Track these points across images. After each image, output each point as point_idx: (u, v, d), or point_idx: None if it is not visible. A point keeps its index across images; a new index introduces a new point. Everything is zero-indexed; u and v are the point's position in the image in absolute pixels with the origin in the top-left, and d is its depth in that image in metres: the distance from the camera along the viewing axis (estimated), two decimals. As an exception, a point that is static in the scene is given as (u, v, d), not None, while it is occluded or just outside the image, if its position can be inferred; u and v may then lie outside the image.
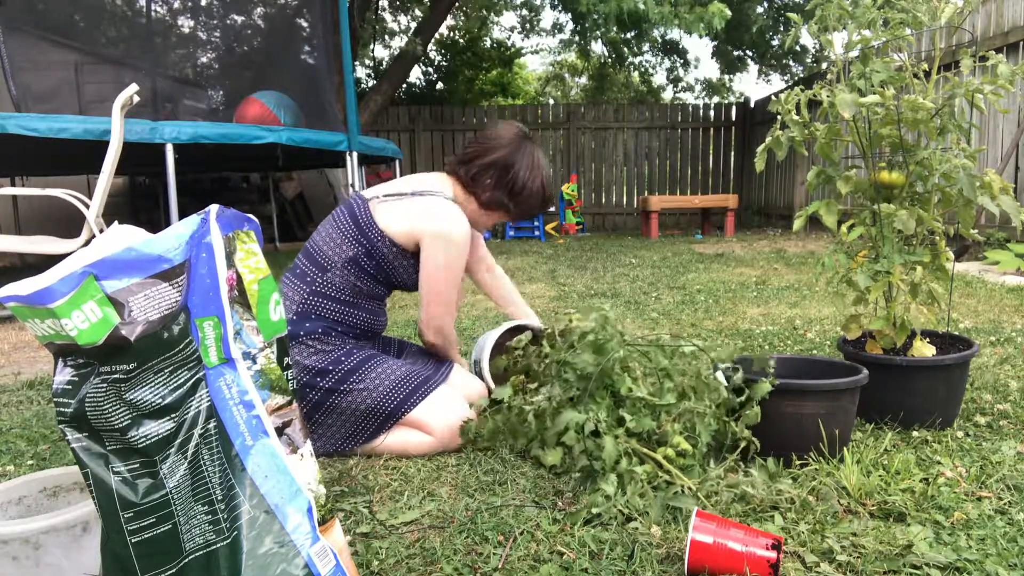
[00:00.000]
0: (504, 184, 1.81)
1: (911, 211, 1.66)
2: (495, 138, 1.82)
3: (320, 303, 1.71)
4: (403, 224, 1.72)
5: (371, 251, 1.72)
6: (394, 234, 1.72)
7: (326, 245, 1.74)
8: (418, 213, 1.73)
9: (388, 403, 1.67)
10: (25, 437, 1.90)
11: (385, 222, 1.72)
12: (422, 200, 1.76)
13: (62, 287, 0.79)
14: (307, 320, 1.70)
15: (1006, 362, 2.29)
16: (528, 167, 1.82)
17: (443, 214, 1.73)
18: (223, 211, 0.94)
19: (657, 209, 8.39)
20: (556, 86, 17.84)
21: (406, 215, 1.73)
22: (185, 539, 0.86)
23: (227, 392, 0.90)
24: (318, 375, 1.67)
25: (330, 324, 1.72)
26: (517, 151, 1.81)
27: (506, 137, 1.82)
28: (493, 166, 1.80)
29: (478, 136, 1.86)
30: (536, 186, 1.84)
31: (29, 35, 5.78)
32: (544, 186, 1.86)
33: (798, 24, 1.88)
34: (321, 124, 5.72)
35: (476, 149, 1.82)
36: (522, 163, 1.81)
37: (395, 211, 1.74)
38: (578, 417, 1.47)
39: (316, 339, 1.70)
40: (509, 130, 1.84)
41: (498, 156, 1.80)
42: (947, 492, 1.36)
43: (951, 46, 5.17)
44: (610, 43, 11.45)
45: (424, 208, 1.74)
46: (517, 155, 1.80)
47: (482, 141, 1.83)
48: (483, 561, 1.18)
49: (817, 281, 4.18)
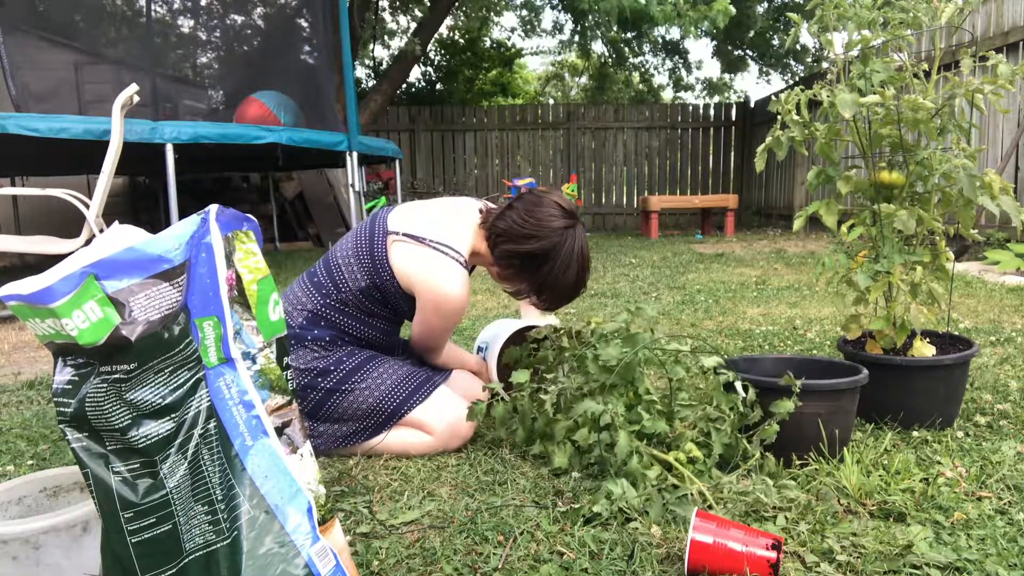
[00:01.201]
0: (529, 278, 1.71)
1: (911, 211, 1.66)
2: (537, 226, 1.65)
3: (333, 315, 1.72)
4: (408, 272, 1.67)
5: (380, 285, 1.70)
6: (400, 276, 1.68)
7: (345, 266, 1.72)
8: (423, 268, 1.67)
9: (389, 402, 1.68)
10: (25, 437, 1.90)
11: (396, 263, 1.68)
12: (433, 257, 1.67)
13: (63, 287, 0.79)
14: (316, 327, 1.70)
15: (1006, 362, 2.30)
16: (565, 266, 1.67)
17: (445, 280, 1.65)
18: (223, 211, 0.94)
19: (657, 209, 8.39)
20: (556, 86, 17.83)
21: (413, 266, 1.67)
22: (185, 539, 0.86)
23: (227, 392, 0.90)
24: (319, 375, 1.67)
25: (339, 333, 1.72)
26: (558, 245, 1.65)
27: (551, 227, 1.65)
28: (523, 256, 1.67)
29: (527, 209, 1.67)
30: (569, 281, 1.70)
31: (29, 35, 5.78)
32: (578, 281, 1.71)
33: (798, 24, 1.88)
34: (321, 124, 5.72)
35: (516, 228, 1.66)
36: (560, 260, 1.66)
37: (407, 257, 1.68)
38: (595, 407, 1.47)
39: (322, 345, 1.70)
40: (558, 220, 1.66)
41: (533, 248, 1.65)
42: (947, 492, 1.36)
43: (951, 46, 5.18)
44: (610, 43, 11.46)
45: (430, 266, 1.66)
46: (555, 251, 1.65)
47: (528, 222, 1.66)
48: (483, 561, 1.18)
49: (817, 281, 4.18)
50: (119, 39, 6.92)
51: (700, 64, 17.54)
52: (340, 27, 5.61)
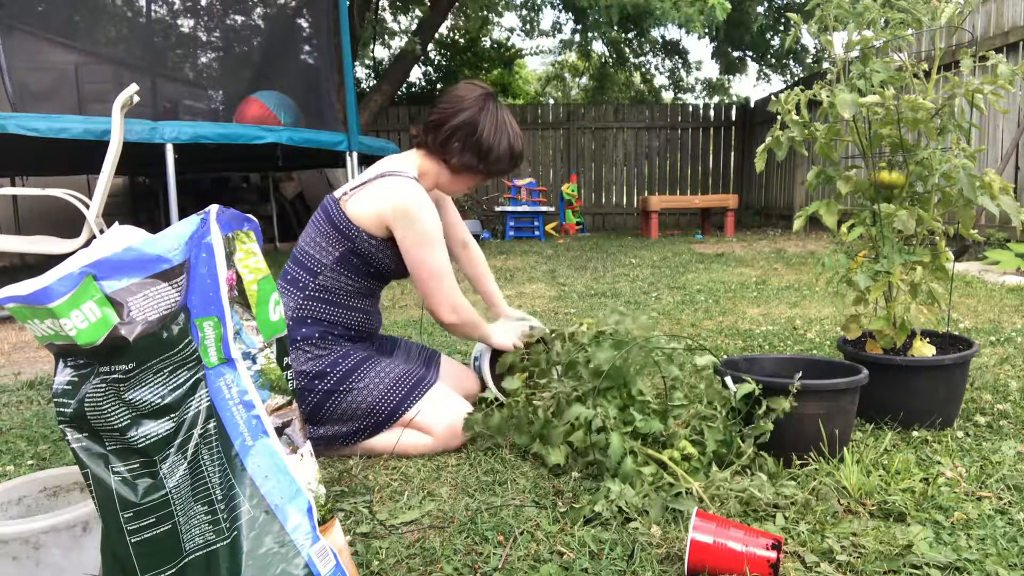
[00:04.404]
0: (472, 146, 1.77)
1: (911, 211, 1.66)
2: (458, 100, 1.77)
3: (315, 307, 1.71)
4: (369, 210, 1.70)
5: (354, 248, 1.72)
6: (367, 226, 1.71)
7: (312, 249, 1.73)
8: (379, 196, 1.71)
9: (388, 401, 1.68)
10: (25, 437, 1.90)
11: (357, 215, 1.71)
12: (382, 182, 1.73)
13: (61, 287, 0.79)
14: (303, 325, 1.70)
15: (1006, 362, 2.29)
16: (493, 127, 1.77)
17: (400, 191, 1.70)
18: (223, 211, 0.94)
19: (657, 209, 8.39)
20: (556, 86, 17.82)
21: (371, 201, 1.71)
22: (185, 539, 0.86)
23: (227, 392, 0.90)
24: (316, 378, 1.67)
25: (327, 328, 1.72)
26: (481, 111, 1.76)
27: (469, 98, 1.77)
28: (459, 129, 1.75)
29: (441, 98, 1.80)
30: (504, 146, 1.79)
31: (29, 35, 5.78)
32: (511, 144, 1.81)
33: (798, 24, 1.88)
34: (321, 124, 5.72)
35: (440, 114, 1.77)
36: (486, 123, 1.76)
37: (362, 201, 1.72)
38: (587, 412, 1.47)
39: (313, 344, 1.70)
40: (471, 91, 1.79)
41: (463, 119, 1.75)
42: (947, 492, 1.36)
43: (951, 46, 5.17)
44: (611, 43, 11.45)
45: (383, 191, 1.71)
46: (481, 115, 1.76)
47: (445, 104, 1.78)
48: (483, 561, 1.18)
49: (817, 281, 4.18)
50: (119, 39, 6.92)
51: (700, 65, 17.53)
52: (340, 27, 5.61)
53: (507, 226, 8.61)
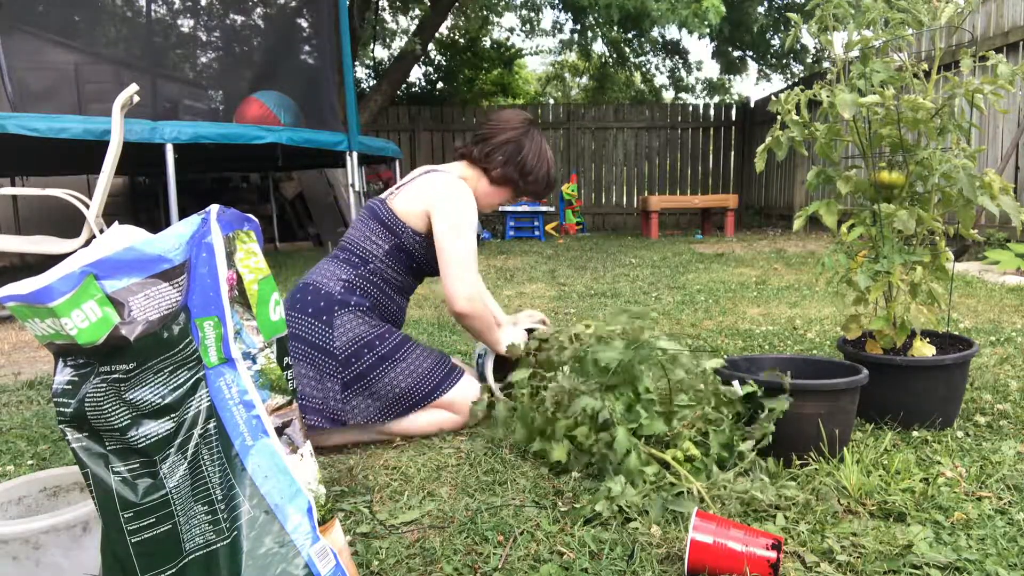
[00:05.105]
0: (515, 162, 1.94)
1: (911, 211, 1.66)
2: (505, 121, 1.97)
3: (365, 285, 1.84)
4: (415, 204, 1.85)
5: (401, 244, 1.86)
6: (412, 222, 1.85)
7: (364, 242, 1.87)
8: (423, 188, 1.87)
9: (425, 385, 1.80)
10: (25, 437, 1.90)
11: (402, 211, 1.86)
12: (427, 178, 1.90)
13: (62, 286, 0.79)
14: (354, 295, 1.81)
15: (1006, 362, 2.29)
16: (536, 152, 1.96)
17: (443, 181, 1.87)
18: (223, 211, 0.94)
19: (657, 209, 8.39)
20: (556, 86, 17.81)
21: (415, 194, 1.86)
22: (185, 539, 0.86)
23: (227, 392, 0.90)
24: (366, 346, 1.76)
25: (372, 305, 1.84)
26: (525, 135, 1.95)
27: (515, 121, 1.97)
28: (505, 145, 1.94)
29: (489, 118, 2.01)
30: (543, 171, 1.99)
31: (29, 35, 5.77)
32: (549, 171, 2.00)
33: (798, 24, 1.88)
34: (321, 124, 5.72)
35: (489, 131, 1.96)
36: (530, 147, 1.95)
37: (407, 196, 1.88)
38: (594, 403, 1.47)
39: (364, 312, 1.80)
40: (517, 116, 1.99)
41: (509, 136, 1.94)
42: (947, 492, 1.36)
43: (951, 46, 5.18)
44: (611, 43, 11.45)
45: (427, 183, 1.88)
46: (525, 139, 1.95)
47: (493, 123, 1.98)
48: (483, 561, 1.18)
49: (817, 281, 4.18)
50: (119, 39, 6.92)
51: (700, 65, 17.51)
52: (340, 27, 5.61)
53: (507, 226, 8.61)
